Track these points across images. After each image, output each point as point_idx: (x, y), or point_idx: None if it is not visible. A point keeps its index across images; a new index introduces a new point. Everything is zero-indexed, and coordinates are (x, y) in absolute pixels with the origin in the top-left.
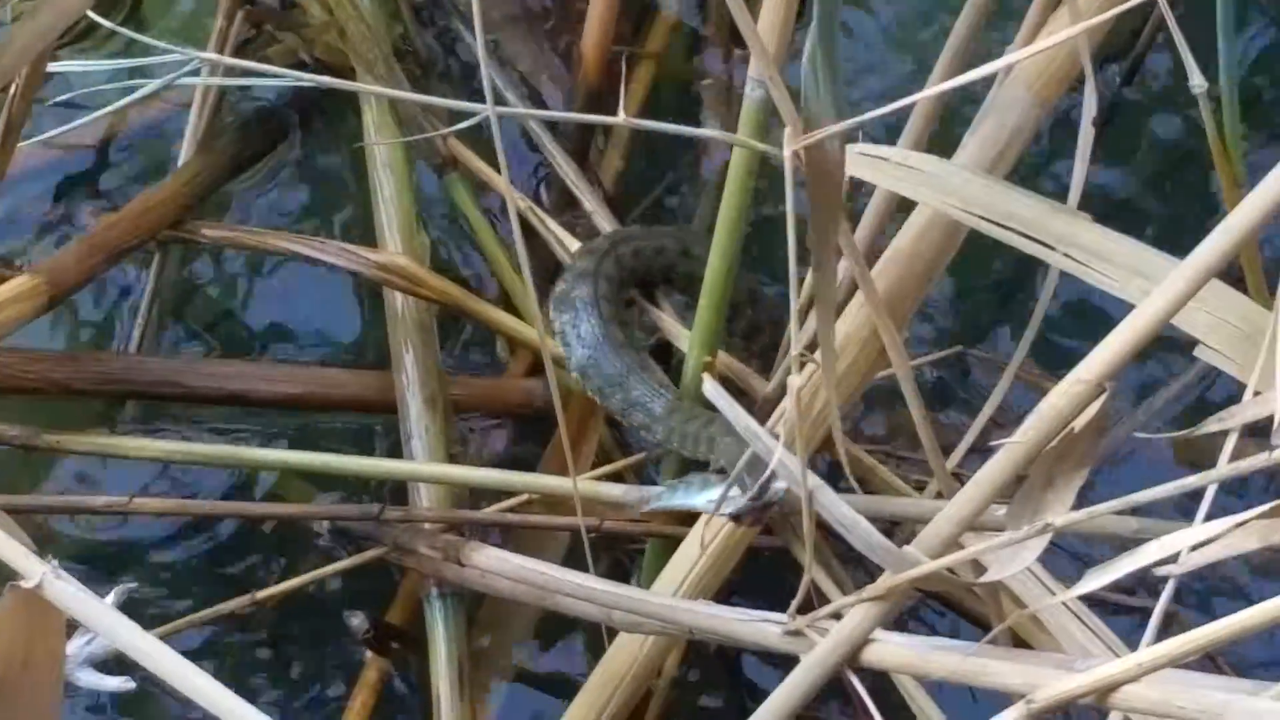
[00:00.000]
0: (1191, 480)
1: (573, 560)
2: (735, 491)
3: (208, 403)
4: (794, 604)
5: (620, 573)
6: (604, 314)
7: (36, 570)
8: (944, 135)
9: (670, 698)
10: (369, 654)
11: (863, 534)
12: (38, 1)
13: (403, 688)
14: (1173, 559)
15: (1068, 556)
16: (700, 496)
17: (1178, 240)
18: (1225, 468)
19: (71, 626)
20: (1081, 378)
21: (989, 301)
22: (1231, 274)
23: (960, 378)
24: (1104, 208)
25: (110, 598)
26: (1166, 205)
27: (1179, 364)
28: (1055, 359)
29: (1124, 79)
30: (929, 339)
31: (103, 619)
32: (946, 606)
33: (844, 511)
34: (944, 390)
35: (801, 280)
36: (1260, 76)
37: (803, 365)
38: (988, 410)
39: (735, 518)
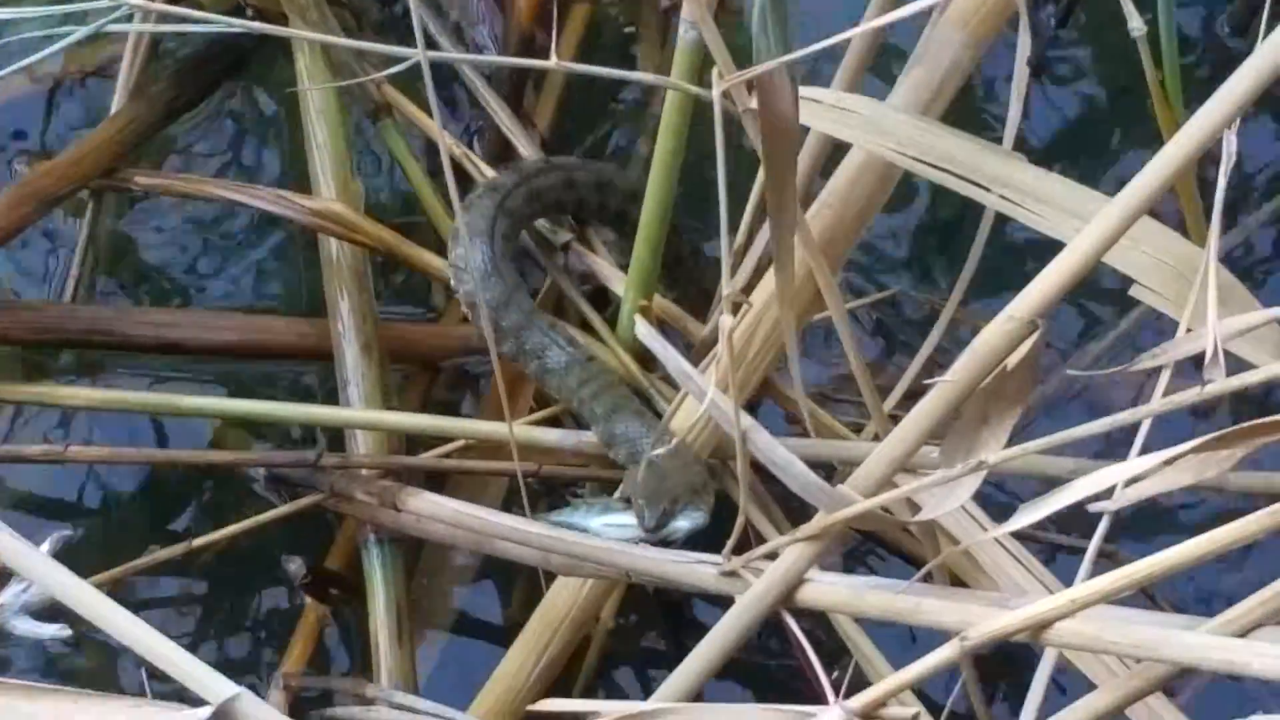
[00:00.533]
0: (1123, 416)
1: (511, 507)
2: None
3: (144, 351)
4: (729, 545)
5: None
6: (497, 248)
7: None
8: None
9: (610, 642)
10: (307, 601)
11: (797, 475)
12: None
13: (341, 635)
14: (1107, 495)
15: (1008, 498)
16: (598, 520)
17: (1118, 181)
18: (1157, 403)
19: (7, 575)
20: (1014, 315)
21: (928, 244)
22: (1175, 218)
23: (899, 320)
24: (1041, 149)
25: (45, 546)
26: (1104, 148)
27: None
28: (996, 301)
29: (1059, 20)
30: (867, 283)
31: (37, 567)
32: (888, 550)
33: (779, 453)
34: (882, 333)
35: (734, 224)
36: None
37: (737, 308)
38: (925, 351)
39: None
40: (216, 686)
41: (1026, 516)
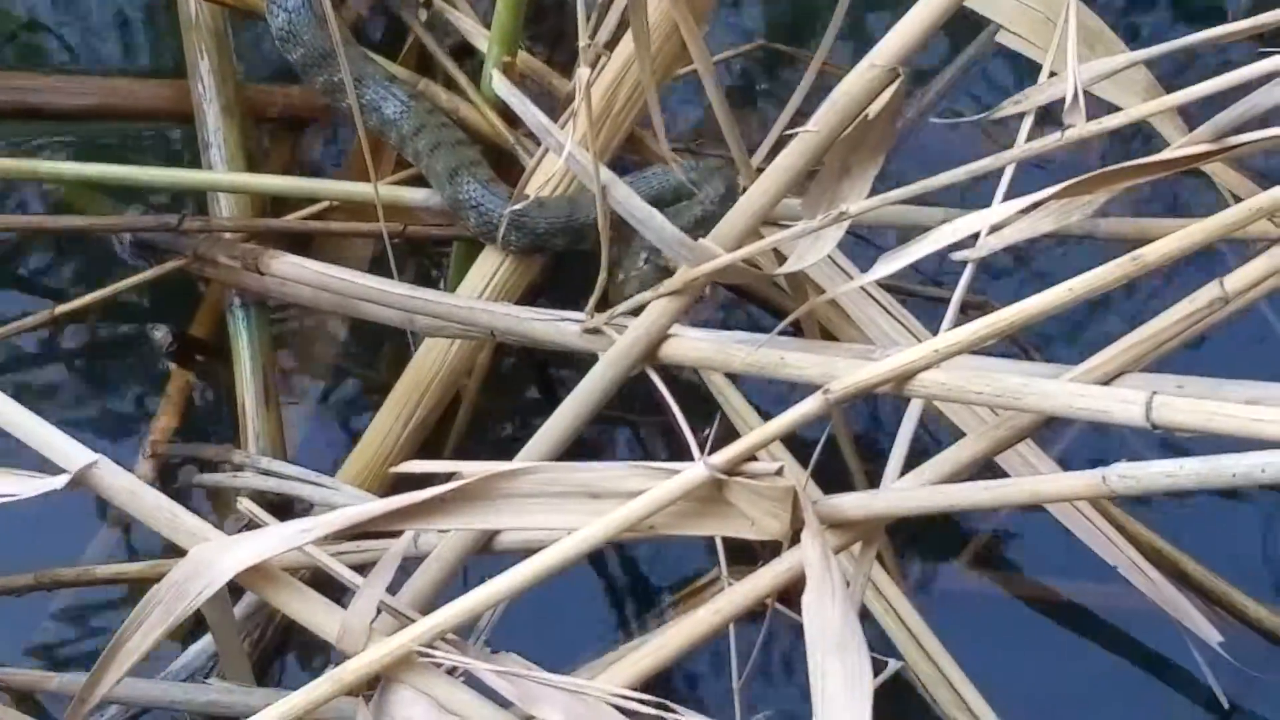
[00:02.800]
0: (985, 163)
1: (378, 271)
2: None
3: (2, 117)
4: (591, 301)
5: (427, 282)
6: None
7: None
8: None
9: (479, 402)
10: (173, 367)
11: (657, 227)
12: None
13: (210, 402)
14: (970, 243)
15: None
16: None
17: None
18: (1019, 149)
19: None
20: (875, 63)
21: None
22: None
23: (767, 75)
24: None
25: None
26: None
27: None
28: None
29: None
30: (733, 37)
31: None
32: (761, 307)
33: (636, 204)
34: (749, 89)
35: None
36: None
37: (596, 59)
38: (792, 105)
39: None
40: (74, 454)
41: (889, 264)
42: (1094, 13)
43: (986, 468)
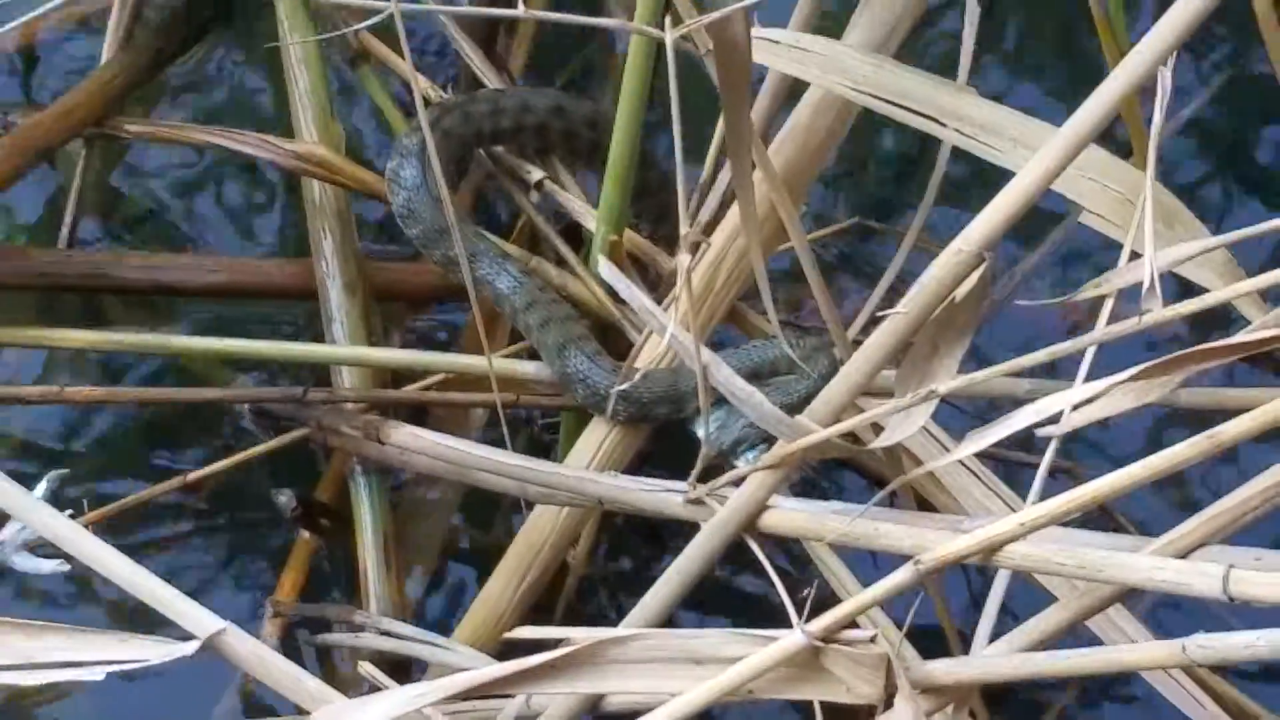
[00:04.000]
0: (1065, 346)
1: (492, 440)
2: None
3: (137, 294)
4: (694, 473)
5: (539, 449)
6: (430, 163)
7: None
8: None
9: (587, 568)
10: (299, 533)
11: (756, 405)
12: None
13: (331, 566)
14: (1054, 420)
15: (970, 419)
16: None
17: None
18: (1099, 332)
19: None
20: (962, 248)
21: (887, 177)
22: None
23: (862, 251)
24: (995, 83)
25: (38, 490)
26: (1055, 80)
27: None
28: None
29: None
30: (829, 214)
31: (29, 510)
32: (859, 474)
33: (738, 385)
34: (846, 264)
35: (699, 160)
36: None
37: (696, 246)
38: (885, 281)
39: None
40: (204, 621)
41: (976, 443)
42: (1170, 191)
43: (1071, 631)
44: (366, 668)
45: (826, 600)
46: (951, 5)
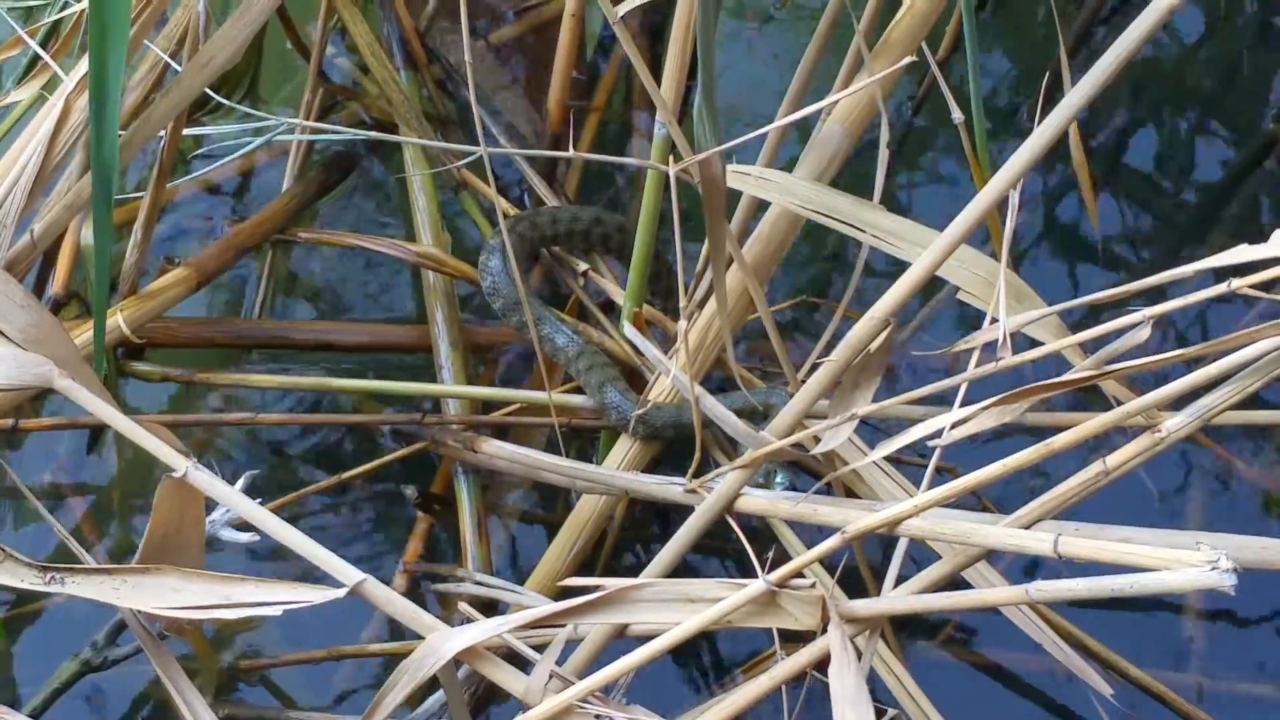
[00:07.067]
0: (946, 382)
1: (551, 448)
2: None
3: (307, 349)
4: (690, 471)
5: (584, 456)
6: (509, 256)
7: (182, 464)
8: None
9: (618, 538)
10: (419, 514)
11: (731, 424)
12: (167, 89)
13: (442, 537)
14: (938, 434)
15: (881, 434)
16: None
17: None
18: (969, 372)
19: (215, 503)
20: (874, 315)
21: (826, 266)
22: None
23: (807, 318)
24: (907, 200)
25: (239, 484)
26: (948, 198)
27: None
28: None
29: (914, 110)
30: (786, 292)
31: (229, 497)
32: (807, 472)
33: (720, 411)
34: (797, 326)
35: (692, 257)
36: (1009, 95)
37: (691, 316)
38: (824, 339)
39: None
40: (351, 573)
41: (884, 449)
42: (1020, 277)
43: (952, 580)
44: (464, 607)
45: (781, 558)
46: (872, 146)
